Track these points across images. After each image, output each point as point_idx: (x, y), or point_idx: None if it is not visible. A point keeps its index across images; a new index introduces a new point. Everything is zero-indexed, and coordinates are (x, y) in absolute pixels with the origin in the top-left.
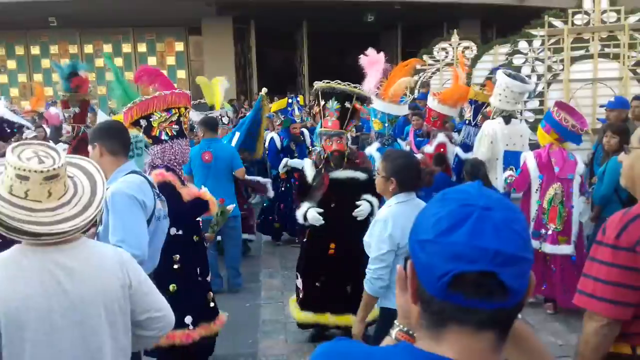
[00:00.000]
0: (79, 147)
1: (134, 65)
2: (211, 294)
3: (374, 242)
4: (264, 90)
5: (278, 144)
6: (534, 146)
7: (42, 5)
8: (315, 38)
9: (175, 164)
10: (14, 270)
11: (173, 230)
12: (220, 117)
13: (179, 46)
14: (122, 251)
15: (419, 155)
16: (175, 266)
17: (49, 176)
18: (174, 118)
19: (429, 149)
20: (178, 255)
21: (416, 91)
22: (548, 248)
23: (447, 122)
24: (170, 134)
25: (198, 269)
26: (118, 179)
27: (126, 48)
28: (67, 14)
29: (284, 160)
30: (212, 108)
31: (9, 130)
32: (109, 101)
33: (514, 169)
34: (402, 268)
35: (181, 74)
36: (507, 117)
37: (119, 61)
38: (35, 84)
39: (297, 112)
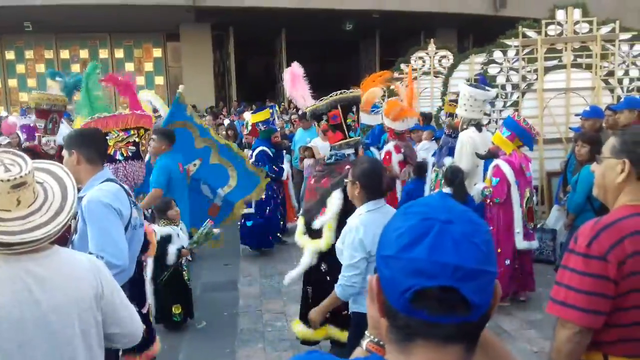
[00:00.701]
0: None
1: (111, 71)
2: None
3: (346, 250)
4: (181, 87)
5: (270, 153)
6: None
7: (17, 10)
8: (294, 45)
9: (127, 185)
10: None
11: None
12: None
13: (157, 52)
14: (96, 260)
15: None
16: None
17: (16, 184)
18: (132, 139)
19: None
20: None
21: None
22: (524, 244)
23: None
24: (125, 154)
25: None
26: (94, 187)
27: (103, 54)
28: (43, 19)
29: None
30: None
31: None
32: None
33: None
34: (372, 278)
35: (159, 80)
36: (478, 126)
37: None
38: None
39: (277, 121)
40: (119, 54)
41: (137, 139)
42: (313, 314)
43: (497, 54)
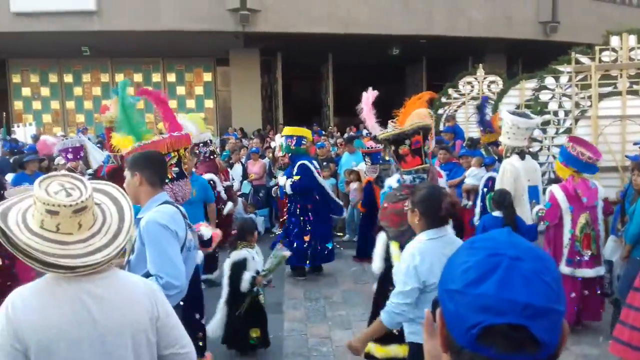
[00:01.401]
0: (115, 175)
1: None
2: (200, 333)
3: (400, 276)
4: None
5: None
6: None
7: (76, 35)
8: (340, 70)
9: (177, 204)
10: (48, 299)
11: None
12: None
13: (207, 76)
14: (151, 282)
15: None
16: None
17: (77, 209)
18: (173, 161)
19: None
20: None
21: (441, 124)
22: (588, 273)
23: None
24: (170, 177)
25: (197, 314)
26: (152, 209)
27: (156, 77)
28: (100, 44)
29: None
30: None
31: None
32: None
33: (535, 203)
34: (429, 312)
35: (209, 103)
36: (521, 153)
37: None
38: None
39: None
40: (171, 78)
41: (178, 159)
42: (354, 342)
43: (549, 80)
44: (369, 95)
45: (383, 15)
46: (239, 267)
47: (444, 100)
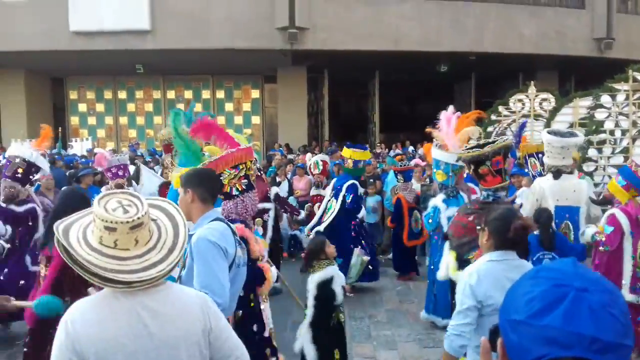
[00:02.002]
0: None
1: (211, 110)
2: (269, 349)
3: (458, 295)
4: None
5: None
6: None
7: (131, 54)
8: (387, 87)
9: (247, 216)
10: (105, 312)
11: None
12: None
13: (255, 93)
14: (205, 296)
15: None
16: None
17: (134, 225)
18: (242, 173)
19: None
20: (241, 311)
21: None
22: (630, 297)
23: None
24: (240, 189)
25: (255, 326)
26: (203, 225)
27: (205, 94)
28: (153, 62)
29: None
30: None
31: (30, 176)
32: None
33: (595, 226)
34: (486, 341)
35: (256, 119)
36: (556, 172)
37: (198, 106)
38: (44, 126)
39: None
40: (220, 94)
41: (246, 172)
42: None
43: (605, 98)
44: (448, 114)
45: (432, 32)
46: (327, 285)
47: (493, 117)
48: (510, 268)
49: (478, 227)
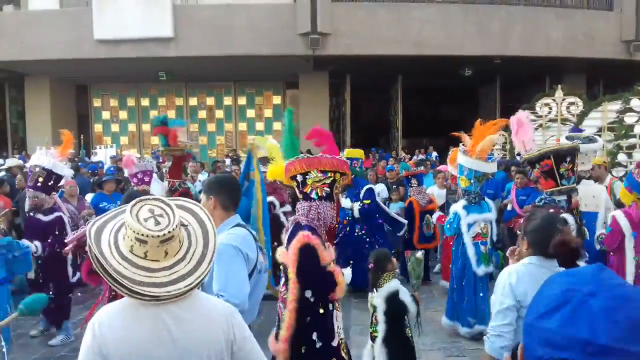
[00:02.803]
0: None
1: (233, 116)
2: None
3: (497, 296)
4: (250, 138)
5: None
6: None
7: (154, 61)
8: (409, 91)
9: (317, 224)
10: (131, 317)
11: (308, 293)
12: None
13: (277, 99)
14: (229, 305)
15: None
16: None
17: (165, 239)
18: (328, 181)
19: None
20: (309, 318)
21: (516, 148)
22: None
23: None
24: (319, 194)
25: (315, 334)
26: (224, 231)
27: (227, 101)
28: (176, 69)
29: None
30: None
31: (51, 184)
32: (208, 151)
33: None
34: (509, 357)
35: (277, 125)
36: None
37: (219, 113)
38: (65, 132)
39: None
40: (242, 101)
41: (332, 182)
42: None
43: (635, 102)
44: (521, 116)
45: (456, 35)
46: (395, 297)
47: None
48: (549, 273)
49: (518, 233)
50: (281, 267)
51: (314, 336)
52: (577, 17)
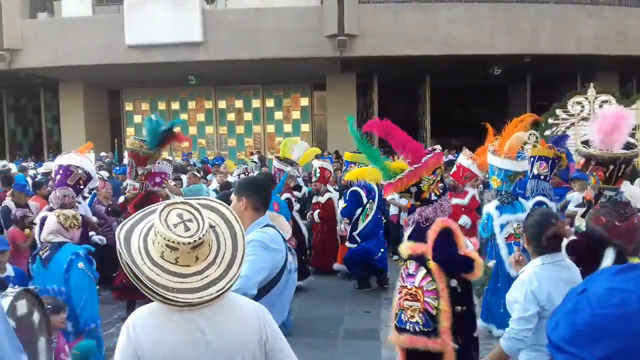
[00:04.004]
0: (144, 202)
1: (261, 119)
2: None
3: (520, 301)
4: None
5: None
6: None
7: (184, 66)
8: (437, 91)
9: (443, 216)
10: (164, 319)
11: (454, 283)
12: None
13: (304, 101)
14: (260, 306)
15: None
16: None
17: (195, 245)
18: (439, 177)
19: (463, 201)
20: (459, 308)
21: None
22: None
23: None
24: (438, 193)
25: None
26: (254, 231)
27: (255, 103)
28: (205, 73)
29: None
30: (292, 164)
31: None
32: (237, 153)
33: None
34: None
35: (305, 127)
36: None
37: (248, 115)
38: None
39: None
40: (270, 103)
41: (441, 175)
42: None
43: None
44: (616, 110)
45: (485, 34)
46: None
47: (551, 121)
48: (561, 269)
49: (522, 231)
50: (406, 263)
51: (467, 326)
52: (608, 14)
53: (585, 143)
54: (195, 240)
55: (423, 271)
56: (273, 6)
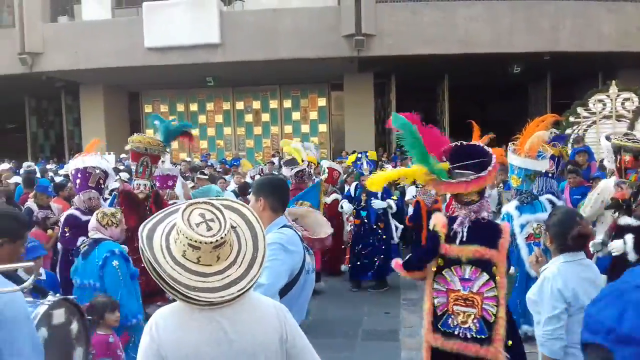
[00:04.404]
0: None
1: (279, 119)
2: None
3: (546, 301)
4: None
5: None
6: None
7: (202, 67)
8: (456, 90)
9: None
10: (187, 319)
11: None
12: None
13: (322, 101)
14: (280, 305)
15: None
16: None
17: (217, 245)
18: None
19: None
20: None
21: (569, 146)
22: None
23: None
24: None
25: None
26: (272, 231)
27: (273, 104)
28: (223, 74)
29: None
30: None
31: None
32: (255, 153)
33: None
34: None
35: (322, 127)
36: None
37: (266, 116)
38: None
39: (365, 166)
40: (287, 104)
41: None
42: None
43: None
44: None
45: (504, 32)
46: None
47: (572, 119)
48: (583, 267)
49: (544, 229)
50: (462, 266)
51: (516, 330)
52: (629, 9)
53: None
54: (217, 240)
55: (485, 277)
56: (290, 7)
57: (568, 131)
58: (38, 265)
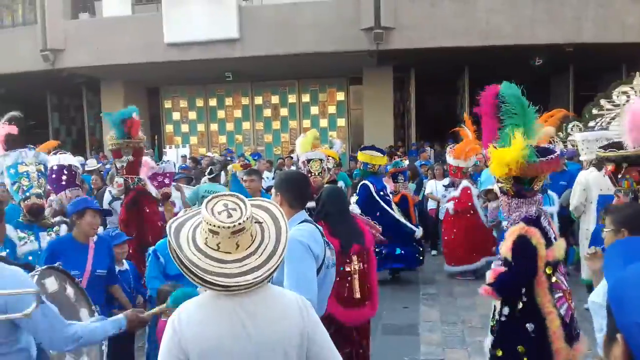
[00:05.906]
0: (137, 200)
1: (297, 114)
2: None
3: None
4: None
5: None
6: None
7: (221, 62)
8: (476, 83)
9: (529, 216)
10: (209, 313)
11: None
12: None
13: (340, 95)
14: (302, 298)
15: None
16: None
17: (235, 230)
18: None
19: (456, 193)
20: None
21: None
22: None
23: (466, 172)
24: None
25: (530, 325)
26: (292, 227)
27: (291, 99)
28: (242, 69)
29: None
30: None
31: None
32: (273, 148)
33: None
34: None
35: (341, 122)
36: (598, 164)
37: (284, 111)
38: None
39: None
40: (306, 98)
41: None
42: None
43: None
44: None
45: (525, 24)
46: None
47: (595, 112)
48: None
49: (606, 230)
50: (560, 263)
51: (529, 327)
52: None
53: (606, 148)
54: (235, 225)
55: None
56: (308, 0)
57: (591, 124)
58: (124, 252)
